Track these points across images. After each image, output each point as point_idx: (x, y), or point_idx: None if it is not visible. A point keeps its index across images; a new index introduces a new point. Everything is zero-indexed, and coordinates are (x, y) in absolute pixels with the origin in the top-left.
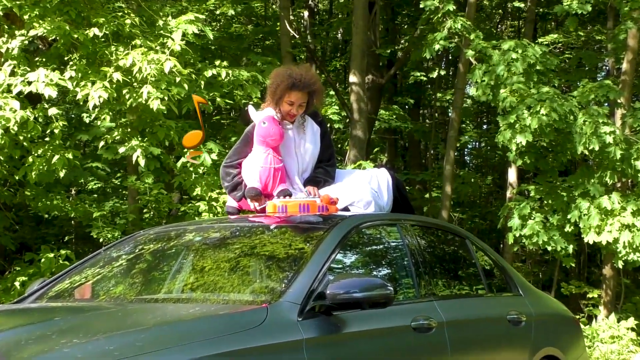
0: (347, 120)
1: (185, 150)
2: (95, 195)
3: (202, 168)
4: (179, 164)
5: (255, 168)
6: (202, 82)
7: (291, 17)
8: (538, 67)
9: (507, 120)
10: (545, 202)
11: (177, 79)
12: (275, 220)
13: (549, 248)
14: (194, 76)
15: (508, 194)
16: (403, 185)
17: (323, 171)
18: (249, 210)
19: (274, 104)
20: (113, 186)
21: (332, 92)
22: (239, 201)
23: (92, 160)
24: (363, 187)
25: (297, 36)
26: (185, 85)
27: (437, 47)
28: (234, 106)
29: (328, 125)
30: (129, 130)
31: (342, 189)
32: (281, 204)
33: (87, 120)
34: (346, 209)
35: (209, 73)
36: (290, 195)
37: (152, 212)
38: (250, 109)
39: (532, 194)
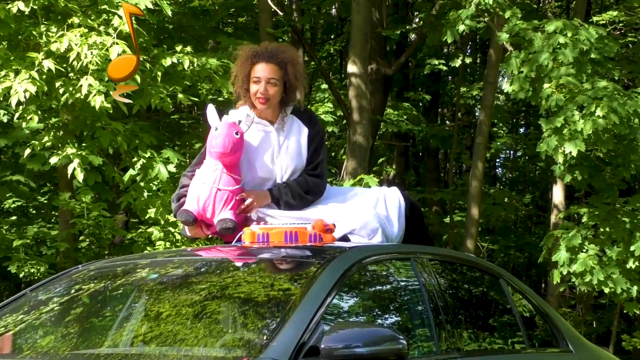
0: (344, 121)
1: (113, 83)
2: (15, 218)
3: (156, 183)
4: (126, 177)
5: (196, 185)
6: (159, 73)
7: None
8: (593, 55)
9: (552, 123)
10: (602, 229)
11: None
12: (254, 253)
13: (607, 290)
14: (148, 65)
15: (553, 219)
16: (419, 209)
17: (299, 180)
18: (215, 234)
19: (244, 94)
20: (38, 205)
21: (324, 85)
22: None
23: (11, 172)
24: (367, 211)
25: (280, 12)
26: (138, 77)
27: (461, 28)
28: (198, 103)
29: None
30: (62, 133)
31: (339, 213)
32: (262, 232)
33: (5, 120)
34: (345, 238)
35: (167, 61)
36: (232, 228)
37: (90, 240)
38: (210, 109)
39: (584, 219)
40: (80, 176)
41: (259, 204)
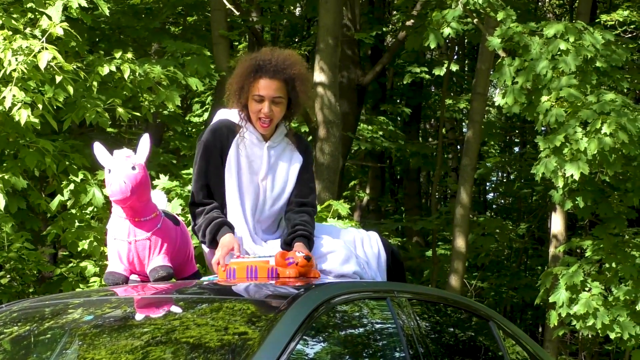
0: (310, 138)
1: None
2: None
3: (90, 210)
4: (54, 204)
5: (110, 242)
6: (95, 83)
7: None
8: (598, 64)
9: (550, 142)
10: (607, 265)
11: (58, 78)
12: (207, 290)
13: (612, 335)
14: (82, 74)
15: (551, 252)
16: (401, 261)
17: (309, 218)
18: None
19: (241, 106)
20: None
21: None
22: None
23: None
24: (345, 252)
25: (236, 12)
26: (70, 88)
27: (447, 31)
28: (139, 118)
29: None
30: None
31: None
32: (232, 267)
33: None
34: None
35: (104, 70)
36: (167, 275)
37: (12, 277)
38: (97, 148)
39: (587, 252)
40: (1, 203)
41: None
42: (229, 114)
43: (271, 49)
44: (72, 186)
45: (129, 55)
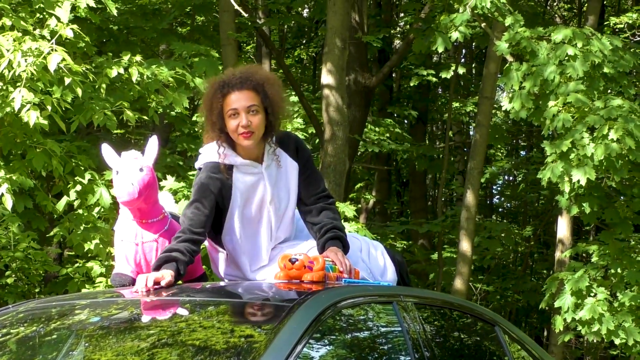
0: (317, 140)
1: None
2: None
3: (97, 210)
4: (60, 205)
5: (117, 243)
6: (104, 86)
7: None
8: (606, 70)
9: (557, 147)
10: (613, 271)
11: (67, 80)
12: (212, 293)
13: (617, 341)
14: (91, 76)
15: (557, 256)
16: (406, 268)
17: (330, 212)
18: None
19: (218, 131)
20: None
21: (294, 98)
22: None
23: None
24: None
25: (244, 13)
26: (79, 90)
27: (455, 35)
28: (147, 122)
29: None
30: None
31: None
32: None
33: None
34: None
35: (113, 72)
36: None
37: (17, 276)
38: (105, 149)
39: (593, 258)
40: (9, 203)
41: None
42: (212, 152)
43: (233, 68)
44: (78, 187)
45: (138, 57)
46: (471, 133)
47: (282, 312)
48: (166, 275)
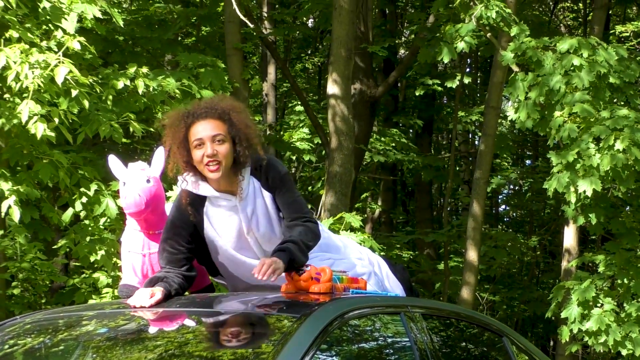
0: (323, 151)
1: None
2: None
3: (104, 221)
4: (66, 217)
5: (124, 254)
6: (110, 97)
7: None
8: (612, 80)
9: (563, 158)
10: (619, 281)
11: (74, 92)
12: (219, 304)
13: (624, 352)
14: (98, 88)
15: (564, 265)
16: (408, 279)
17: (302, 228)
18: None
19: (184, 164)
20: None
21: (299, 107)
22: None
23: None
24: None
25: (250, 24)
26: (86, 102)
27: (460, 46)
28: (153, 133)
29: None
30: None
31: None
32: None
33: None
34: None
35: (119, 84)
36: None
37: (24, 287)
38: (112, 161)
39: (600, 268)
40: (16, 215)
41: (276, 276)
42: (184, 183)
43: (197, 100)
44: (84, 198)
45: (144, 69)
46: (477, 143)
47: (290, 323)
48: (157, 292)
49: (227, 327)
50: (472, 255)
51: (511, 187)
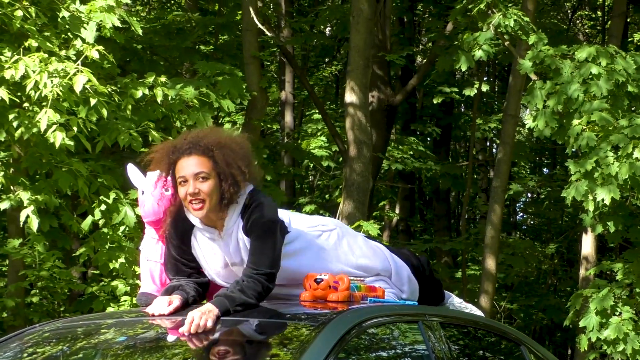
0: (340, 158)
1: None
2: None
3: (123, 229)
4: (85, 225)
5: (143, 262)
6: (129, 106)
7: (259, 4)
8: (630, 88)
9: (581, 166)
10: (638, 289)
11: (92, 101)
12: (238, 313)
13: None
14: (116, 97)
15: (582, 274)
16: (429, 263)
17: (248, 280)
18: None
19: (173, 197)
20: None
21: (317, 116)
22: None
23: None
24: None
25: (268, 32)
26: (104, 111)
27: (478, 54)
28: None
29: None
30: (12, 171)
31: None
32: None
33: None
34: None
35: (138, 93)
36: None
37: (43, 295)
38: (131, 169)
39: (618, 276)
40: (35, 224)
41: (205, 322)
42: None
43: (186, 132)
44: (103, 206)
45: (163, 79)
46: (495, 150)
47: (308, 331)
48: (174, 299)
49: (245, 335)
50: (490, 263)
51: (529, 195)
